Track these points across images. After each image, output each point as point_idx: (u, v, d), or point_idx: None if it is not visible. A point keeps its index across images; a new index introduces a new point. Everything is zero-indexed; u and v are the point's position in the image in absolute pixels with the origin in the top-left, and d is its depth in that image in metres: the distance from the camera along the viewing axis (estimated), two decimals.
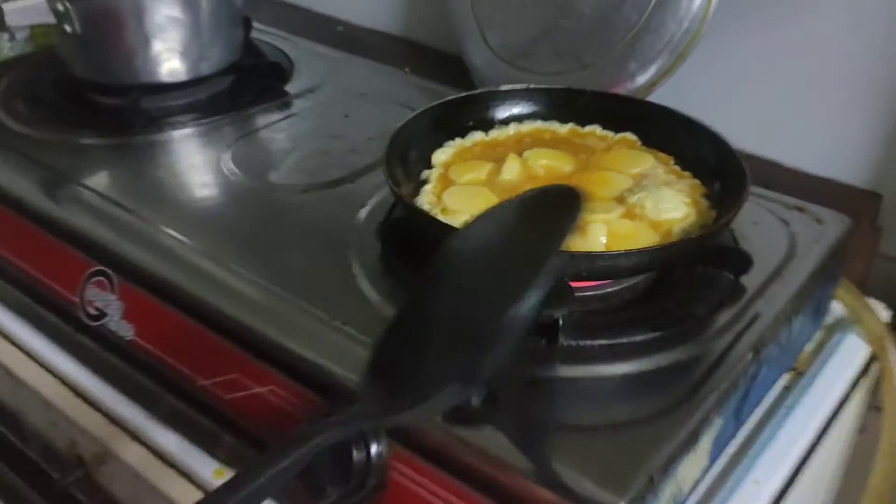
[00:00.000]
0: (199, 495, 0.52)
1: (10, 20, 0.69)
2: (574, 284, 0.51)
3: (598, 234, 0.51)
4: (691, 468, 0.47)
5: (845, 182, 0.67)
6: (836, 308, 0.64)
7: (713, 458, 0.51)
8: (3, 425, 0.69)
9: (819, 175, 0.68)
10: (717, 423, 0.48)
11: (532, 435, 0.44)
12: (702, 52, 0.68)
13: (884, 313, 0.64)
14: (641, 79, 0.69)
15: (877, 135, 0.66)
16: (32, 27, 1.17)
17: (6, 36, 1.23)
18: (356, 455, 0.46)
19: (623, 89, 0.69)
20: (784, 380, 0.59)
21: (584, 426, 0.45)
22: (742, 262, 0.54)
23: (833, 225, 0.60)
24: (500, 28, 0.76)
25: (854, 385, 0.61)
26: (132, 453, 0.55)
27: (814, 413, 0.57)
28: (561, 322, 0.48)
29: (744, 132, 0.68)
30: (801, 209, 0.61)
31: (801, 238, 0.58)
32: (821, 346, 0.62)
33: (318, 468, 0.46)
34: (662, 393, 0.47)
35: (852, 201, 0.66)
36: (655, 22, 0.68)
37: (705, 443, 0.48)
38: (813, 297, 0.58)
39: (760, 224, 0.60)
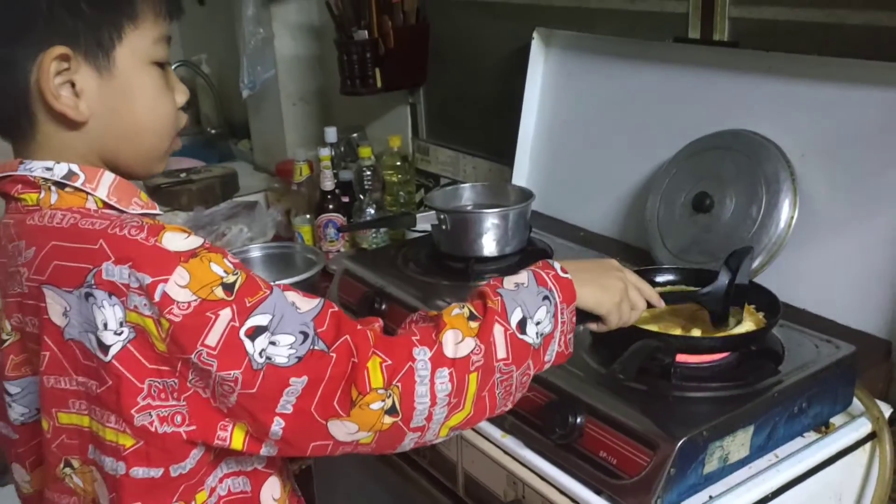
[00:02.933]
0: None
1: (419, 222, 1.37)
2: (687, 360, 1.04)
3: (696, 334, 1.05)
4: (735, 448, 0.96)
5: (868, 332, 1.14)
6: (859, 405, 1.09)
7: (754, 455, 0.99)
8: None
9: (850, 326, 1.15)
10: (749, 429, 0.97)
11: (652, 413, 0.97)
12: (785, 253, 1.21)
13: (888, 411, 1.09)
14: (749, 268, 1.22)
15: (889, 308, 1.13)
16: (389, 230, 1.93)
17: (373, 232, 1.99)
18: (571, 419, 1.00)
19: None
20: (813, 436, 1.06)
21: (678, 413, 0.97)
22: (778, 358, 1.05)
23: (844, 349, 1.07)
24: (671, 237, 1.33)
25: (855, 445, 1.06)
26: None
27: (819, 449, 1.03)
28: (672, 370, 1.01)
29: (806, 296, 1.19)
30: (829, 341, 1.10)
31: (822, 354, 1.07)
32: (844, 423, 1.08)
33: (553, 420, 1.01)
34: (722, 407, 0.97)
35: (872, 343, 1.13)
36: (758, 236, 1.21)
37: (742, 436, 0.97)
38: (828, 386, 1.05)
39: (802, 345, 1.09)
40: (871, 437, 1.07)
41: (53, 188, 0.79)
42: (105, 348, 0.73)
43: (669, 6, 1.40)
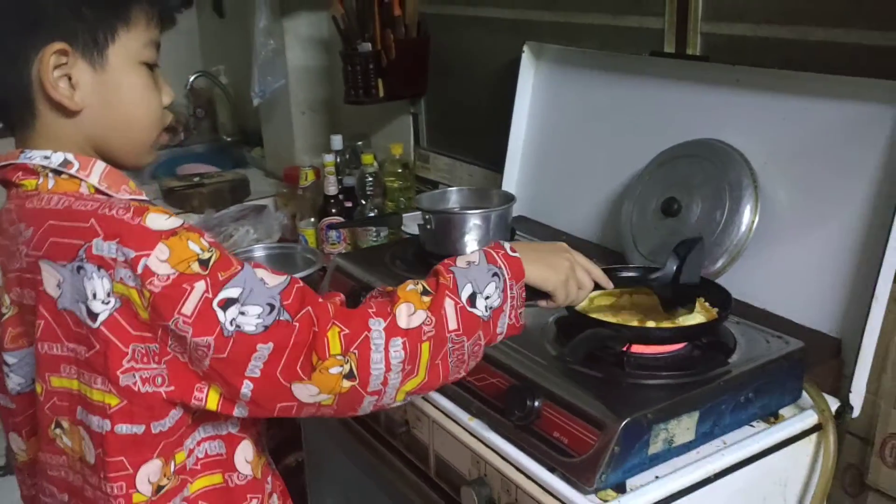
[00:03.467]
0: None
1: (406, 224, 1.46)
2: (641, 350, 1.11)
3: (650, 325, 1.11)
4: (679, 432, 1.03)
5: (821, 330, 1.20)
6: (809, 399, 1.15)
7: (700, 440, 1.05)
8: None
9: (805, 325, 1.21)
10: (694, 415, 1.04)
11: (604, 397, 1.04)
12: (746, 255, 1.27)
13: (835, 405, 1.14)
14: (712, 268, 1.28)
15: (840, 308, 1.19)
16: (389, 231, 2.01)
17: (374, 231, 2.08)
18: (529, 403, 1.07)
19: (704, 273, 1.29)
20: (762, 426, 1.11)
21: (627, 398, 1.04)
22: (728, 350, 1.11)
23: (793, 345, 1.14)
24: (642, 240, 1.40)
25: (801, 434, 1.11)
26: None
27: (766, 437, 1.09)
28: (625, 359, 1.08)
29: (764, 296, 1.25)
30: (779, 337, 1.16)
31: (772, 348, 1.13)
32: (793, 414, 1.14)
33: (513, 403, 1.08)
34: (670, 393, 1.04)
35: (824, 341, 1.19)
36: (720, 239, 1.28)
37: (687, 421, 1.03)
38: (775, 378, 1.11)
39: (754, 340, 1.15)
40: (818, 428, 1.13)
41: (51, 175, 0.89)
42: (94, 316, 0.82)
43: (648, 22, 1.48)
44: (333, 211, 2.05)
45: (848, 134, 1.20)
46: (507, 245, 0.98)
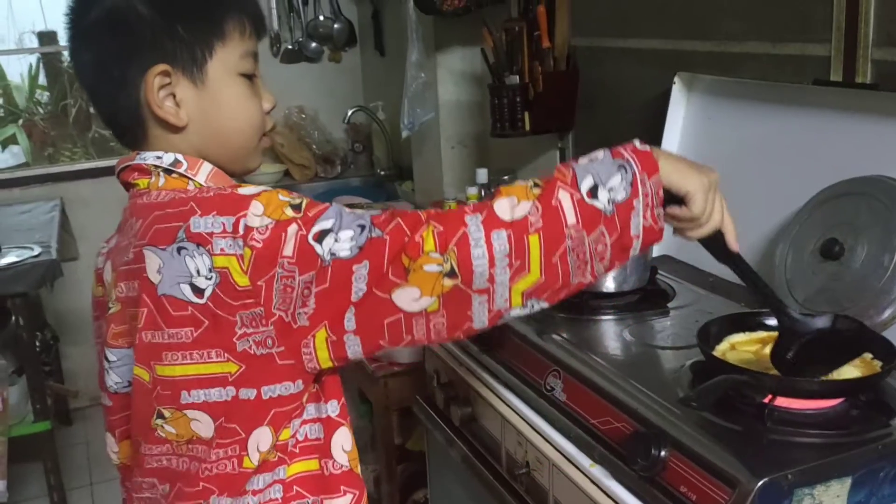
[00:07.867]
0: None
1: None
2: (787, 404, 0.99)
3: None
4: (828, 500, 0.91)
5: None
6: None
7: None
8: (488, 448, 1.34)
9: None
10: (846, 481, 0.91)
11: (739, 451, 0.94)
12: None
13: None
14: (878, 319, 1.14)
15: None
16: None
17: None
18: (654, 451, 0.99)
19: (869, 323, 1.15)
20: None
21: (766, 455, 0.93)
22: (891, 411, 0.98)
23: None
24: (798, 285, 1.27)
25: None
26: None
27: None
28: (766, 412, 0.97)
29: None
30: None
31: None
32: None
33: (637, 451, 1.00)
34: (818, 454, 0.92)
35: None
36: (889, 286, 1.14)
37: (837, 487, 0.91)
38: None
39: None
40: None
41: (162, 173, 0.93)
42: (200, 292, 0.85)
43: (811, 49, 1.36)
44: None
45: None
46: (636, 141, 0.91)
